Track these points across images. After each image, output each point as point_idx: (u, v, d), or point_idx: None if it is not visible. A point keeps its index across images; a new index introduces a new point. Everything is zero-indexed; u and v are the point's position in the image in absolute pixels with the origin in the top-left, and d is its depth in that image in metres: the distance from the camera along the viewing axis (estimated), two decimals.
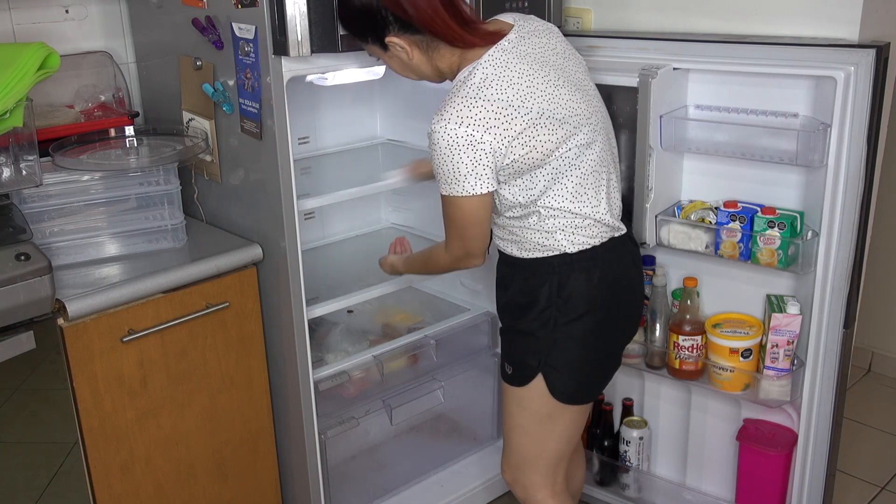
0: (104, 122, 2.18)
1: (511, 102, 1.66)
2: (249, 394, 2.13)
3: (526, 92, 1.68)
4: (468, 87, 1.67)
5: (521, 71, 1.70)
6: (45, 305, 1.75)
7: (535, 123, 1.67)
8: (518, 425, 1.92)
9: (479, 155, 1.64)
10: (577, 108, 1.75)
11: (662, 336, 2.27)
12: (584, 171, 1.76)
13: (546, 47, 1.77)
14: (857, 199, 1.93)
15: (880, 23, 1.98)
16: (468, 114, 1.64)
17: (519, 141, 1.66)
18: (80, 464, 1.88)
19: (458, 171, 1.66)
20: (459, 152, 1.64)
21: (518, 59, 1.71)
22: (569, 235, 1.78)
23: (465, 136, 1.63)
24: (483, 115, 1.64)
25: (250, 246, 2.05)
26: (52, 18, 2.22)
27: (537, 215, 1.77)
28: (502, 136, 1.65)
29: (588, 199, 1.78)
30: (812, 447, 2.14)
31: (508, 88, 1.67)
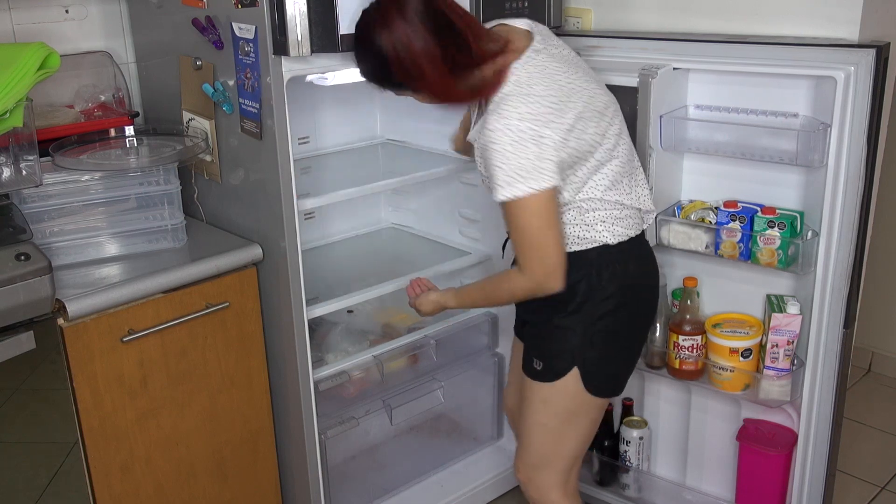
0: (104, 122, 2.18)
1: (560, 97, 1.70)
2: (249, 394, 2.13)
3: (567, 89, 1.72)
4: (517, 87, 1.69)
5: (556, 69, 1.74)
6: (45, 305, 1.75)
7: (581, 116, 1.72)
8: (540, 423, 1.91)
9: (542, 149, 1.65)
10: (607, 101, 1.81)
11: (662, 336, 2.27)
12: (622, 161, 1.81)
13: (563, 47, 1.82)
14: (857, 199, 1.93)
15: (880, 23, 1.98)
16: (526, 110, 1.66)
17: (573, 134, 1.70)
18: (80, 464, 1.88)
19: (523, 166, 1.64)
20: (525, 146, 1.64)
21: (550, 59, 1.75)
22: (609, 227, 1.80)
23: (528, 130, 1.65)
24: (540, 111, 1.66)
25: (250, 246, 2.05)
26: (52, 18, 2.22)
27: (578, 209, 1.78)
28: (559, 129, 1.68)
29: (623, 187, 1.82)
30: (812, 447, 2.14)
31: (553, 85, 1.71)
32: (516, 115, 1.65)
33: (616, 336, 1.86)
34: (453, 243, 2.61)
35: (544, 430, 1.92)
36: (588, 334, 1.82)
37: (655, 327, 2.27)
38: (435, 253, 2.57)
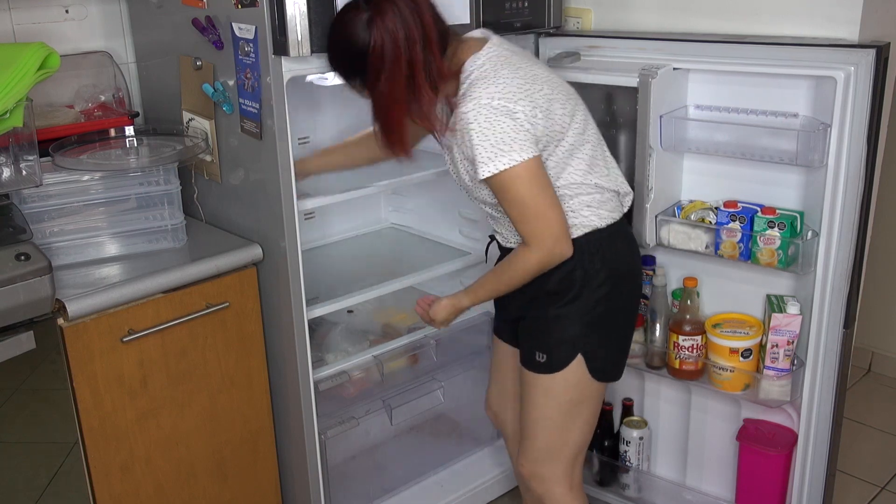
0: (104, 122, 2.18)
1: (525, 80, 1.74)
2: (249, 394, 2.13)
3: (531, 74, 1.77)
4: (482, 71, 1.74)
5: (518, 59, 1.80)
6: (45, 305, 1.75)
7: (549, 97, 1.76)
8: (544, 417, 1.92)
9: (517, 122, 1.69)
10: (570, 89, 1.86)
11: (662, 336, 2.27)
12: (593, 144, 1.85)
13: (520, 49, 1.88)
14: (857, 199, 1.93)
15: (880, 23, 1.98)
16: (495, 90, 1.70)
17: (542, 112, 1.73)
18: (80, 464, 1.88)
19: (503, 140, 1.68)
20: (500, 121, 1.68)
21: (510, 52, 1.81)
22: (595, 210, 1.82)
23: (500, 107, 1.69)
24: (508, 89, 1.71)
25: (250, 246, 2.05)
26: (52, 18, 2.22)
27: (561, 197, 1.79)
28: (529, 105, 1.72)
29: (600, 169, 1.85)
30: (812, 447, 2.14)
31: (517, 70, 1.76)
32: (486, 95, 1.69)
33: (614, 319, 1.89)
34: (453, 243, 2.61)
35: (548, 423, 1.92)
36: (587, 321, 1.85)
37: (655, 327, 2.27)
38: (435, 253, 2.57)
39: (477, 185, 1.81)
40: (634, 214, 2.14)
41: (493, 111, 1.68)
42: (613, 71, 2.12)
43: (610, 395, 2.52)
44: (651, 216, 2.14)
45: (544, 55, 2.28)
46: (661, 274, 2.26)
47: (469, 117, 1.69)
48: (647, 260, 2.29)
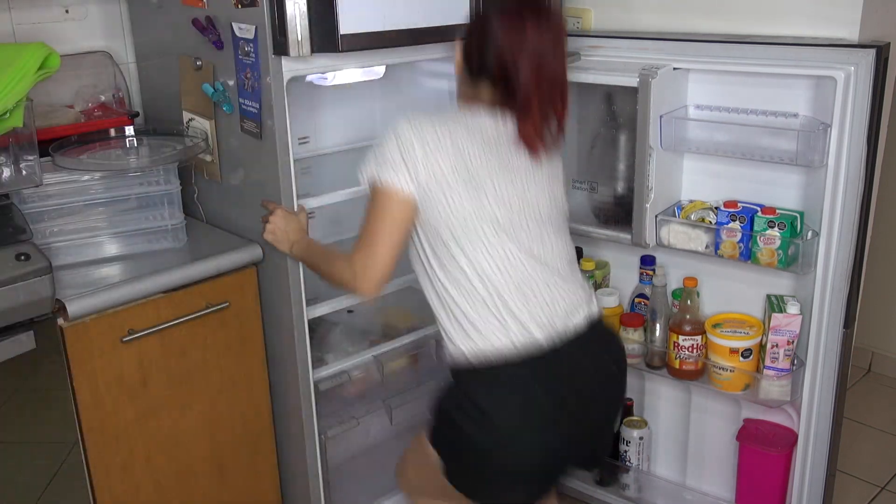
0: (104, 122, 2.18)
1: (456, 147, 1.65)
2: (249, 394, 2.13)
3: (472, 149, 1.67)
4: (445, 114, 1.69)
5: (481, 136, 1.69)
6: (45, 305, 1.75)
7: (465, 181, 1.65)
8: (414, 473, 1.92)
9: (405, 154, 1.63)
10: (522, 217, 1.70)
11: (662, 336, 2.27)
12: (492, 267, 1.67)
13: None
14: (857, 199, 1.93)
15: (880, 23, 1.98)
16: (429, 126, 1.64)
17: (436, 180, 1.64)
18: (80, 464, 1.88)
19: (384, 156, 1.64)
20: (396, 145, 1.63)
21: (488, 129, 1.71)
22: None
23: (407, 136, 1.63)
24: (429, 136, 1.63)
25: (250, 246, 2.05)
26: (52, 18, 2.22)
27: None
28: (429, 156, 1.63)
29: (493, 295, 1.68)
30: (812, 447, 2.14)
31: (464, 140, 1.66)
32: (408, 121, 1.65)
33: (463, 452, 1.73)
34: None
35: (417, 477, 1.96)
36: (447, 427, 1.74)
37: (655, 327, 2.27)
38: None
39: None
40: (634, 214, 2.14)
41: (400, 134, 1.64)
42: (613, 71, 2.12)
43: None
44: (651, 216, 2.14)
45: None
46: (661, 274, 2.26)
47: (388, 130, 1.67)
48: (647, 260, 2.29)
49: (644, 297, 2.32)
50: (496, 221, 1.67)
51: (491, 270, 1.66)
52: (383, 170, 1.65)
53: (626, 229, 2.19)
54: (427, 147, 1.64)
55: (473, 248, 1.66)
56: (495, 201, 1.67)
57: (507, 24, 1.66)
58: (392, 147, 1.65)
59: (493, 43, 1.67)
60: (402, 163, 1.64)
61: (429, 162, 1.64)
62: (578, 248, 2.41)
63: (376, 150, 1.67)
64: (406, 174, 1.64)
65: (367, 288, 1.68)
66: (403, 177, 1.64)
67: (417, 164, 1.64)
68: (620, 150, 2.26)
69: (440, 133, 1.65)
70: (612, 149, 2.27)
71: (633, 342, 2.30)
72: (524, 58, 1.65)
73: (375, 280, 1.67)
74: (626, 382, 1.84)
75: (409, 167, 1.64)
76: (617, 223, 2.27)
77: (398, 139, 1.64)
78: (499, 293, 1.66)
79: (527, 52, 1.65)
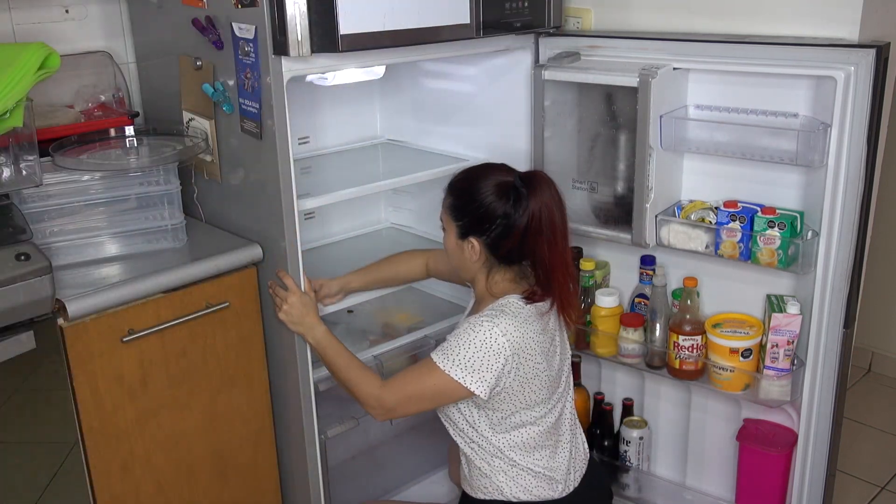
0: (104, 122, 2.18)
1: (536, 348, 1.80)
2: (249, 394, 2.13)
3: (541, 349, 1.82)
4: (514, 308, 1.79)
5: (541, 327, 1.83)
6: (45, 305, 1.75)
7: (536, 376, 1.81)
8: None
9: (491, 363, 1.75)
10: (558, 379, 1.90)
11: (662, 336, 2.27)
12: (539, 431, 1.87)
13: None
14: (857, 199, 1.93)
15: (880, 23, 1.98)
16: (514, 332, 1.75)
17: (518, 381, 1.78)
18: (80, 464, 1.88)
19: (468, 356, 1.75)
20: (483, 347, 1.74)
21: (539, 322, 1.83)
22: (512, 482, 1.88)
23: (500, 344, 1.74)
24: (522, 341, 1.76)
25: (250, 246, 2.05)
26: (52, 18, 2.22)
27: (497, 452, 1.87)
28: (518, 365, 1.77)
29: (530, 452, 1.88)
30: (812, 447, 2.14)
31: (541, 334, 1.81)
32: (502, 329, 1.75)
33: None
34: None
35: None
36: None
37: (655, 327, 2.27)
38: None
39: None
40: (634, 214, 2.14)
41: (493, 341, 1.74)
42: (613, 71, 2.12)
43: (610, 395, 2.52)
44: (651, 216, 2.14)
45: (544, 55, 2.28)
46: (661, 274, 2.26)
47: (474, 323, 1.77)
48: (648, 260, 2.29)
49: (644, 297, 2.32)
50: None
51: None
52: (465, 375, 1.75)
53: (626, 229, 2.19)
54: (518, 357, 1.76)
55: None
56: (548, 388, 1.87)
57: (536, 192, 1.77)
58: (484, 354, 1.75)
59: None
60: (490, 372, 1.75)
61: (512, 374, 1.77)
62: (578, 248, 2.41)
63: (463, 350, 1.75)
64: (491, 380, 1.76)
65: (381, 418, 1.86)
66: (485, 384, 1.76)
67: (500, 374, 1.76)
68: (620, 150, 2.26)
69: (528, 342, 1.78)
70: (612, 149, 2.27)
71: (633, 342, 2.30)
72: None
73: (393, 417, 1.86)
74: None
75: (494, 377, 1.76)
76: (617, 223, 2.27)
77: (496, 349, 1.74)
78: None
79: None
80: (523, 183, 1.76)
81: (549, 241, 1.76)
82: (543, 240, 1.76)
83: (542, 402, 1.85)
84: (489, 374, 1.75)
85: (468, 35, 2.04)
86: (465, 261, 1.86)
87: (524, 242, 1.76)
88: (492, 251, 1.81)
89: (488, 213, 1.78)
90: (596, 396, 2.50)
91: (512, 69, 2.33)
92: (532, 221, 1.74)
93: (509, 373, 1.77)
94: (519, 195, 1.75)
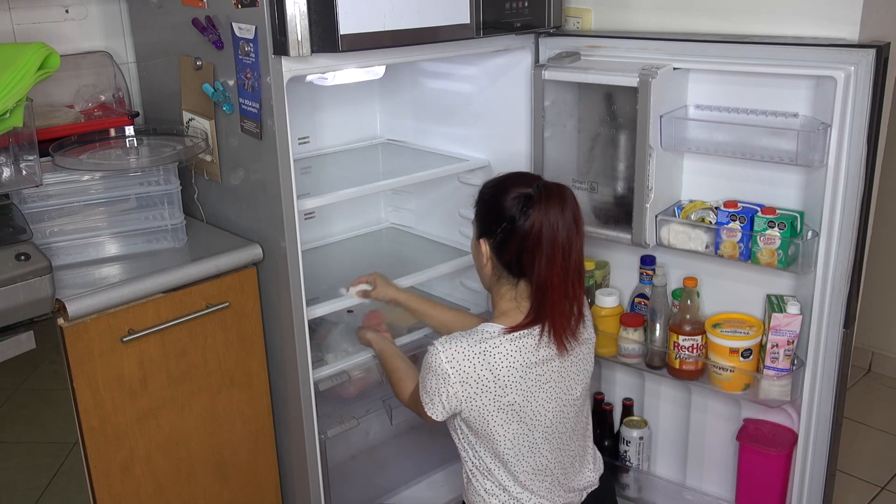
0: (104, 122, 2.18)
1: (498, 379, 1.73)
2: (249, 394, 2.13)
3: (513, 379, 1.74)
4: (480, 336, 1.74)
5: (521, 361, 1.75)
6: (45, 305, 1.75)
7: (503, 408, 1.75)
8: None
9: (442, 388, 1.74)
10: (546, 415, 1.80)
11: (662, 336, 2.27)
12: (528, 465, 1.82)
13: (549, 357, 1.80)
14: (857, 199, 1.93)
15: (880, 23, 1.98)
16: (464, 361, 1.72)
17: (477, 413, 1.75)
18: (80, 464, 1.88)
19: (426, 384, 1.77)
20: (431, 375, 1.75)
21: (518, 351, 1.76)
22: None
23: (443, 370, 1.72)
24: (469, 371, 1.72)
25: (250, 246, 2.05)
26: (52, 18, 2.22)
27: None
28: (469, 395, 1.73)
29: (523, 480, 1.83)
30: (812, 447, 2.14)
31: (504, 367, 1.73)
32: (449, 354, 1.72)
33: None
34: (453, 243, 2.61)
35: None
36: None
37: (655, 327, 2.27)
38: (435, 253, 2.57)
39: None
40: (634, 214, 2.14)
41: (438, 367, 1.73)
42: (613, 71, 2.12)
43: (610, 395, 2.52)
44: (651, 216, 2.14)
45: (544, 55, 2.28)
46: (661, 274, 2.26)
47: (430, 350, 1.75)
48: (647, 260, 2.29)
49: (644, 297, 2.32)
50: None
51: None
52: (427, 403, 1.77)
53: (626, 229, 2.19)
54: (467, 385, 1.72)
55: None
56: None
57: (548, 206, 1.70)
58: (426, 371, 1.76)
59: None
60: (439, 396, 1.75)
61: (467, 403, 1.74)
62: None
63: (422, 370, 1.78)
64: (441, 408, 1.76)
65: (424, 417, 1.82)
66: (440, 410, 1.77)
67: (452, 400, 1.75)
68: (620, 150, 2.26)
69: (483, 372, 1.72)
70: (612, 149, 2.27)
71: (633, 342, 2.30)
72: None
73: (427, 416, 1.81)
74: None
75: (445, 404, 1.75)
76: (617, 223, 2.27)
77: (439, 374, 1.73)
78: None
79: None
80: (539, 192, 1.70)
81: (548, 256, 1.69)
82: (542, 254, 1.69)
83: (522, 441, 1.78)
84: (437, 399, 1.75)
85: (468, 35, 2.04)
86: (479, 263, 1.83)
87: (522, 253, 1.71)
88: (498, 257, 1.77)
89: (498, 215, 1.74)
90: (596, 396, 2.50)
91: (512, 69, 2.33)
92: (532, 231, 1.68)
93: (463, 401, 1.74)
94: (528, 203, 1.69)
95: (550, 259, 1.69)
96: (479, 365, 1.72)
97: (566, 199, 1.72)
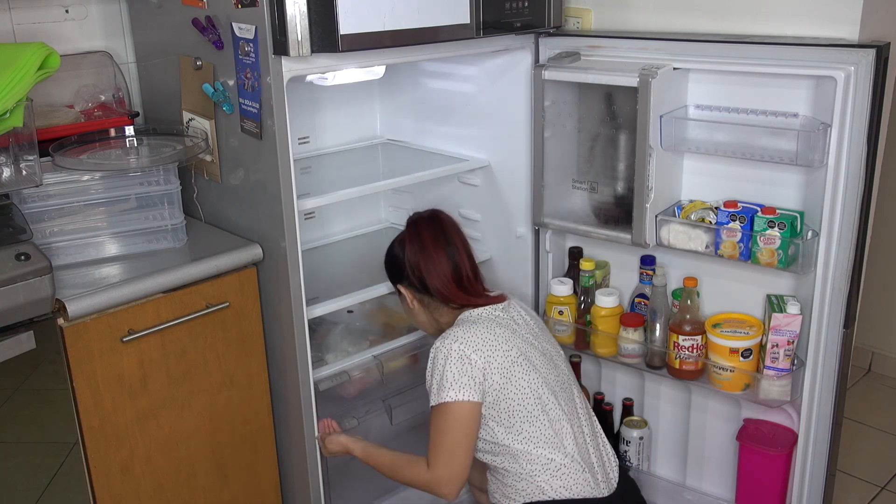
0: (104, 122, 2.18)
1: (497, 339, 1.91)
2: (249, 394, 2.13)
3: (503, 338, 1.93)
4: (464, 321, 1.97)
5: (505, 327, 1.96)
6: (45, 305, 1.75)
7: (514, 361, 1.90)
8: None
9: (465, 367, 1.86)
10: (546, 370, 1.97)
11: (662, 336, 2.27)
12: (552, 418, 1.92)
13: (524, 323, 2.03)
14: (857, 199, 1.93)
15: (880, 23, 1.98)
16: (463, 335, 1.89)
17: (499, 371, 1.88)
18: (80, 464, 1.88)
19: (446, 378, 1.86)
20: (450, 363, 1.87)
21: (505, 319, 1.99)
22: (548, 479, 1.91)
23: (458, 350, 1.87)
24: (474, 339, 1.89)
25: (250, 246, 2.05)
26: (52, 18, 2.22)
27: (514, 456, 1.92)
28: (487, 358, 1.88)
29: (557, 442, 1.92)
30: (812, 447, 2.14)
31: (495, 328, 1.93)
32: (452, 338, 1.89)
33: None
34: None
35: None
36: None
37: (655, 327, 2.27)
38: None
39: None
40: (634, 214, 2.14)
41: (450, 353, 1.87)
42: (613, 71, 2.12)
43: (610, 395, 2.52)
44: (651, 216, 2.14)
45: (544, 55, 2.28)
46: (661, 274, 2.26)
47: (434, 353, 1.91)
48: (647, 260, 2.29)
49: (644, 297, 2.32)
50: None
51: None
52: (451, 390, 1.86)
53: (626, 229, 2.19)
54: (482, 350, 1.88)
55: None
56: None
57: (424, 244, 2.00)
58: (451, 367, 1.87)
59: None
60: (466, 377, 1.86)
61: (489, 365, 1.88)
62: (579, 247, 2.41)
63: (437, 376, 1.89)
64: (474, 385, 1.87)
65: (452, 493, 1.89)
66: (470, 389, 1.86)
67: (483, 372, 1.87)
68: (620, 150, 2.26)
69: (478, 338, 1.90)
70: (612, 149, 2.27)
71: (633, 342, 2.30)
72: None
73: (460, 485, 1.89)
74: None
75: (475, 378, 1.87)
76: (617, 223, 2.27)
77: (456, 357, 1.87)
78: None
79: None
80: (407, 226, 2.04)
81: (434, 263, 1.98)
82: (431, 263, 1.98)
83: (534, 384, 1.92)
84: (471, 381, 1.86)
85: (468, 35, 2.04)
86: (412, 310, 2.05)
87: (422, 273, 1.97)
88: (417, 291, 2.01)
89: (397, 263, 2.02)
90: (596, 396, 2.50)
91: (512, 69, 2.33)
92: (413, 254, 1.98)
93: (486, 367, 1.87)
94: (402, 238, 2.02)
95: (436, 263, 1.97)
96: (480, 332, 1.90)
97: (434, 218, 2.03)
